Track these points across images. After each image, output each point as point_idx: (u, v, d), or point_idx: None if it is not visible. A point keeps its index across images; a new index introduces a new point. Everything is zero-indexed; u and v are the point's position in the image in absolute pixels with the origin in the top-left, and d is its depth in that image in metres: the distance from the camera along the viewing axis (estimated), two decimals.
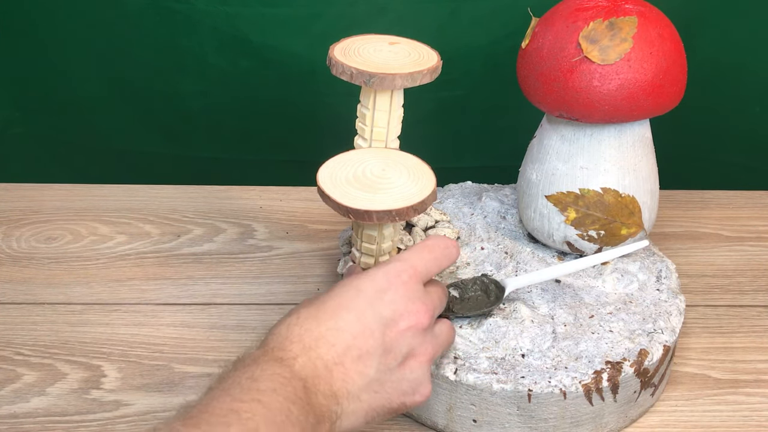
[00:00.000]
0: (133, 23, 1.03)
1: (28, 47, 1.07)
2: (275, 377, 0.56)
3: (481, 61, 1.05)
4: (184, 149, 1.14)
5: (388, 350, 0.61)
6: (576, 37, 0.72)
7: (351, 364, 0.60)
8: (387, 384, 0.61)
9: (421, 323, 0.63)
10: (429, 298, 0.64)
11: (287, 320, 0.61)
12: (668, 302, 0.76)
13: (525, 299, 0.76)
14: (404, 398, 0.62)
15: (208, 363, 0.79)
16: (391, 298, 0.62)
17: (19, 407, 0.75)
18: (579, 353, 0.70)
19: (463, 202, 0.88)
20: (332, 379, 0.59)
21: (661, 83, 0.72)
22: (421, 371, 0.63)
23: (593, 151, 0.76)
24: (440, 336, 0.66)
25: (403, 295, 0.62)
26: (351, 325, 0.60)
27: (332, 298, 0.62)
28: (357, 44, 0.76)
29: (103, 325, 0.83)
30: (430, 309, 0.64)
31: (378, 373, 0.61)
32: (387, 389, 0.61)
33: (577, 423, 0.70)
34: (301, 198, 1.01)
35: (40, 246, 0.93)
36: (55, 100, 1.11)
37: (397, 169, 0.70)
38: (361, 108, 0.75)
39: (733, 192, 1.02)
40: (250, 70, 1.06)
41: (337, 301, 0.62)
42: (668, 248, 0.92)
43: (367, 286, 0.62)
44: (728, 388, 0.77)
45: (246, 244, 0.94)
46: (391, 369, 0.61)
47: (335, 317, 0.61)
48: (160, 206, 0.99)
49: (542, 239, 0.81)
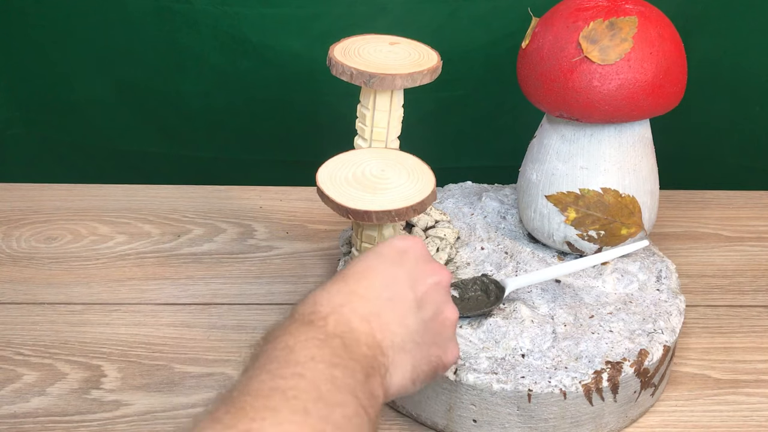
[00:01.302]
0: (134, 23, 1.03)
1: (28, 47, 1.07)
2: (310, 342, 0.54)
3: (481, 61, 1.05)
4: (184, 149, 1.14)
5: (421, 304, 0.60)
6: (576, 37, 0.72)
7: (388, 315, 0.58)
8: (426, 336, 0.60)
9: (444, 280, 0.63)
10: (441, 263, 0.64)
11: (311, 295, 0.59)
12: (668, 302, 0.76)
13: (525, 299, 0.76)
14: (439, 354, 0.61)
15: (208, 363, 0.79)
16: (413, 257, 0.62)
17: (19, 407, 0.75)
18: (579, 353, 0.70)
19: (463, 202, 0.88)
20: (372, 330, 0.57)
21: (661, 83, 0.72)
22: (450, 331, 0.63)
23: (593, 151, 0.76)
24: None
25: (422, 255, 0.63)
26: (381, 280, 0.59)
27: (356, 265, 0.61)
28: (357, 44, 0.76)
29: (103, 325, 0.83)
30: (447, 270, 0.64)
31: (416, 324, 0.60)
32: (426, 341, 0.60)
33: (577, 423, 0.70)
34: (301, 198, 1.01)
35: (40, 246, 0.93)
36: (55, 100, 1.11)
37: (397, 170, 0.70)
38: (361, 108, 0.75)
39: (733, 192, 1.02)
40: (250, 70, 1.06)
41: (362, 265, 0.61)
42: (668, 248, 0.92)
43: (387, 251, 0.62)
44: (728, 388, 0.77)
45: (246, 244, 0.94)
46: (425, 322, 0.61)
47: (362, 276, 0.60)
48: (160, 206, 0.99)
49: (542, 239, 0.81)
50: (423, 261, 0.62)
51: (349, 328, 0.56)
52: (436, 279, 0.62)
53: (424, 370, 0.61)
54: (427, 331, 0.61)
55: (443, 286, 0.63)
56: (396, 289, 0.60)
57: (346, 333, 0.55)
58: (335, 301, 0.57)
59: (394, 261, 0.61)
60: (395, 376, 0.58)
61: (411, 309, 0.60)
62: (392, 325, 0.58)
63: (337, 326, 0.55)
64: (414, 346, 0.59)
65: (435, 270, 0.63)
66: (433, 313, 0.61)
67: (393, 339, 0.58)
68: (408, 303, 0.60)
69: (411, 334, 0.59)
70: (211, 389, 0.76)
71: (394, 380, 0.58)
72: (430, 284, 0.62)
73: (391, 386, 0.57)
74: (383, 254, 0.62)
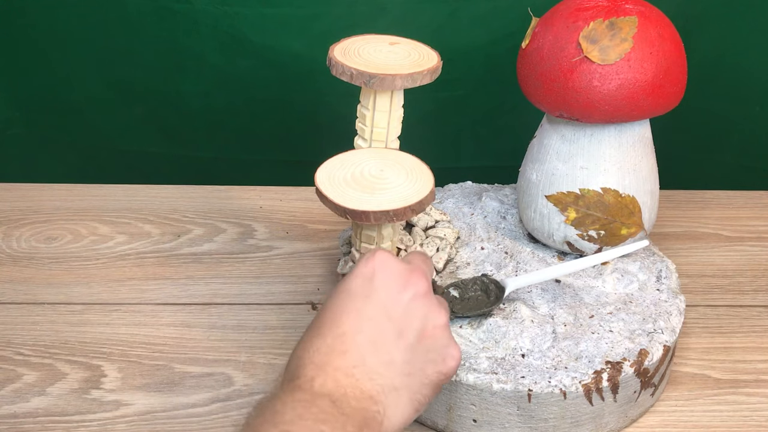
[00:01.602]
0: (133, 23, 1.03)
1: (28, 47, 1.07)
2: (297, 404, 0.54)
3: (481, 61, 1.05)
4: (184, 149, 1.14)
5: (401, 330, 0.60)
6: (576, 37, 0.72)
7: (372, 359, 0.58)
8: (416, 362, 0.60)
9: (421, 288, 0.62)
10: (413, 264, 0.63)
11: (295, 352, 0.60)
12: (668, 302, 0.76)
13: (525, 299, 0.76)
14: (438, 368, 0.61)
15: (208, 363, 0.79)
16: (380, 279, 0.61)
17: (20, 407, 0.75)
18: (579, 353, 0.70)
19: (463, 202, 0.88)
20: (358, 382, 0.57)
21: (661, 83, 0.72)
22: (443, 336, 0.62)
23: (593, 151, 0.76)
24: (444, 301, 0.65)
25: (390, 272, 0.61)
26: (355, 325, 0.59)
27: (327, 310, 0.61)
28: (357, 44, 0.76)
29: (103, 325, 0.83)
30: (421, 272, 0.62)
31: (403, 355, 0.59)
32: (418, 367, 0.60)
33: (577, 423, 0.70)
34: (301, 198, 1.01)
35: (40, 246, 0.93)
36: (55, 100, 1.11)
37: (395, 170, 0.70)
38: (361, 108, 0.75)
39: (733, 192, 1.02)
40: (250, 70, 1.06)
41: (332, 310, 0.60)
42: (668, 248, 0.92)
43: (353, 283, 0.61)
44: (728, 388, 0.77)
45: (246, 244, 0.94)
46: (412, 346, 0.60)
47: (336, 325, 0.59)
48: (160, 206, 0.99)
49: (542, 239, 0.81)
50: (394, 277, 0.61)
51: (334, 385, 0.56)
52: (411, 293, 0.61)
53: (424, 394, 0.60)
54: (416, 355, 0.60)
55: (422, 294, 0.62)
56: (373, 327, 0.59)
57: (333, 390, 0.56)
58: (317, 361, 0.57)
59: (365, 294, 0.60)
60: (394, 417, 0.58)
61: (393, 342, 0.59)
62: (378, 368, 0.58)
63: (323, 386, 0.56)
64: (406, 378, 0.59)
65: (408, 281, 0.62)
66: (418, 330, 0.61)
67: (382, 383, 0.58)
68: (389, 337, 0.59)
69: (400, 368, 0.59)
70: (211, 389, 0.76)
71: (394, 420, 0.58)
72: (407, 301, 0.61)
73: (392, 427, 0.58)
74: (351, 290, 0.61)
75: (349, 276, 0.62)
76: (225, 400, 0.75)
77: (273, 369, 0.78)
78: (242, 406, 0.75)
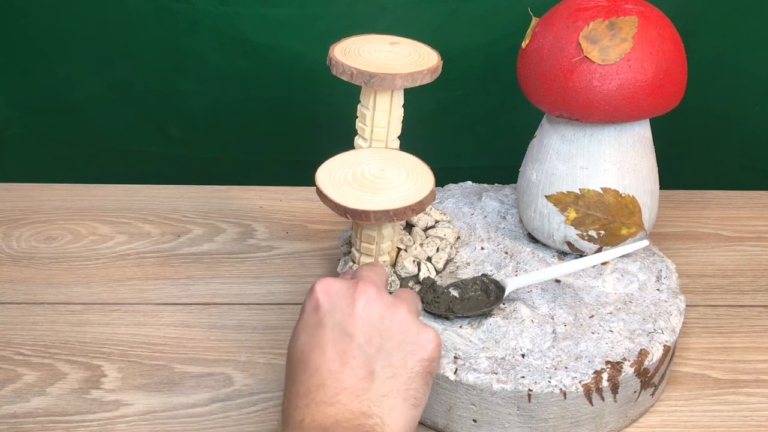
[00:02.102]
0: (133, 23, 1.03)
1: (28, 47, 1.07)
2: None
3: (481, 61, 1.05)
4: (184, 149, 1.14)
5: (367, 339, 0.60)
6: (576, 37, 0.72)
7: (350, 380, 0.58)
8: (395, 361, 0.60)
9: (371, 294, 0.61)
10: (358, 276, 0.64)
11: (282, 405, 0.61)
12: (668, 302, 0.76)
13: (525, 299, 0.76)
14: (419, 356, 0.61)
15: (208, 363, 0.79)
16: (326, 304, 0.61)
17: (19, 407, 0.75)
18: (579, 353, 0.70)
19: (463, 202, 0.88)
20: (345, 405, 0.57)
21: (661, 83, 0.72)
22: (411, 326, 0.61)
23: (593, 151, 0.76)
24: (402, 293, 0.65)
25: (333, 293, 0.62)
26: (320, 356, 0.59)
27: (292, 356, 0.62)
28: (357, 44, 0.76)
29: (103, 325, 0.83)
30: (366, 281, 0.62)
31: (379, 361, 0.59)
32: (399, 365, 0.60)
33: (577, 423, 0.70)
34: (301, 198, 1.01)
35: (40, 246, 0.93)
36: (55, 100, 1.11)
37: (396, 170, 0.70)
38: (362, 108, 0.75)
39: (733, 192, 1.02)
40: (250, 70, 1.06)
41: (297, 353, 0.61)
42: (668, 248, 0.92)
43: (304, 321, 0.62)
44: (728, 388, 0.77)
45: (246, 244, 0.94)
46: (383, 348, 0.60)
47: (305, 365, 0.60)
48: (160, 206, 0.99)
49: (542, 239, 0.81)
50: (339, 296, 0.62)
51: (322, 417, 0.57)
52: (363, 301, 0.61)
53: (416, 387, 0.60)
54: (392, 355, 0.60)
55: (373, 298, 0.61)
56: (338, 349, 0.59)
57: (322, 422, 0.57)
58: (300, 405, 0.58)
59: (317, 323, 0.61)
60: (395, 421, 0.58)
61: (363, 354, 0.59)
62: (360, 384, 0.58)
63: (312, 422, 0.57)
64: (391, 381, 0.59)
65: (355, 293, 0.62)
66: (383, 331, 0.61)
67: (369, 395, 0.58)
68: (357, 351, 0.59)
69: (381, 373, 0.59)
70: (211, 389, 0.76)
71: (396, 424, 0.58)
72: (361, 308, 0.61)
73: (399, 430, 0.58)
74: (306, 327, 0.61)
75: (299, 318, 0.63)
76: (225, 400, 0.75)
77: (273, 369, 0.78)
78: (242, 406, 0.75)
